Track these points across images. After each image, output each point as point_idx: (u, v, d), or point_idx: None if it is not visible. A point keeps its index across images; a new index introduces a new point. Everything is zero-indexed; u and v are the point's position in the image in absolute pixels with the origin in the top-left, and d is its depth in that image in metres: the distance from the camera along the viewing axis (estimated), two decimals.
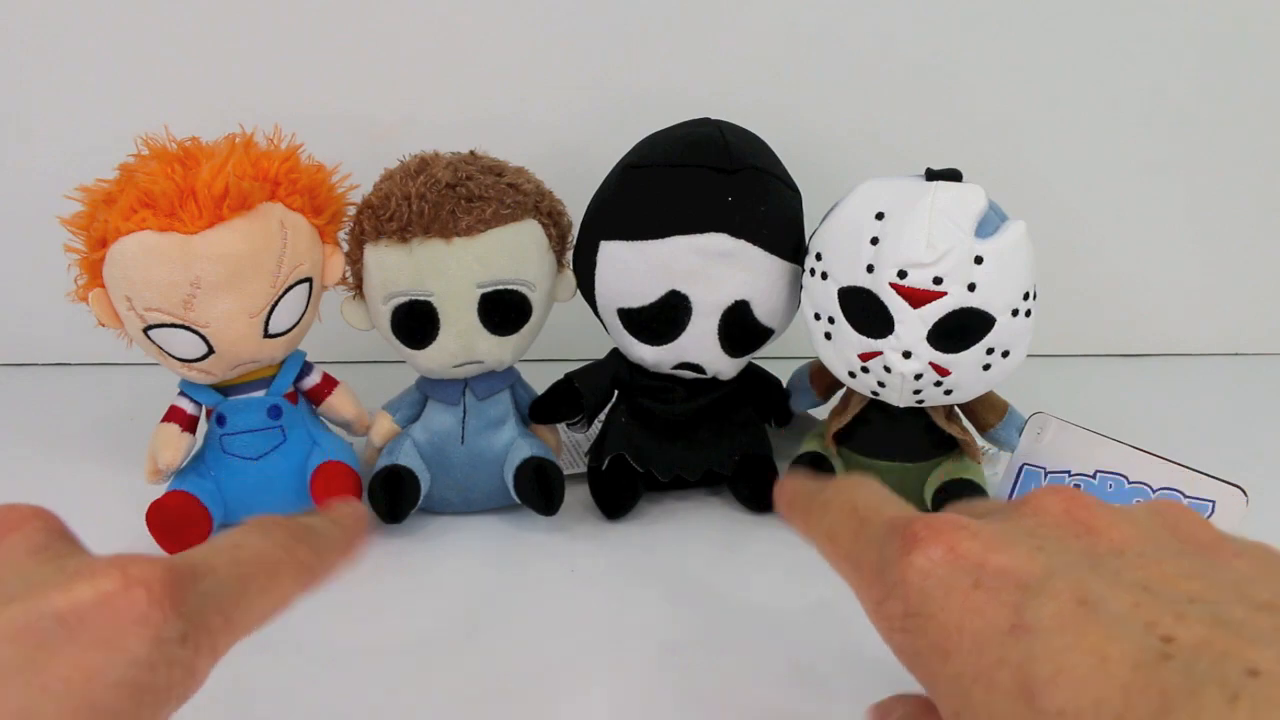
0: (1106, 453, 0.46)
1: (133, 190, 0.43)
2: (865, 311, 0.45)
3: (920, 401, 0.47)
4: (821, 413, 0.55)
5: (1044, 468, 0.49)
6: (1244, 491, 0.42)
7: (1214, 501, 0.43)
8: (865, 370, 0.46)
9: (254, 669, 0.41)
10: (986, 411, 0.51)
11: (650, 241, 0.47)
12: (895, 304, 0.44)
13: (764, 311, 0.49)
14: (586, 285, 0.50)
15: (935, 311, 0.43)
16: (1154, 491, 0.45)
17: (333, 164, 0.50)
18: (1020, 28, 0.65)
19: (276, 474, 0.50)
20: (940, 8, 0.65)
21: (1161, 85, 0.68)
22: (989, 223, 0.43)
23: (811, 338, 0.48)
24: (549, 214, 0.49)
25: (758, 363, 0.54)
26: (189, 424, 0.49)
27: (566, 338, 0.56)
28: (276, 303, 0.46)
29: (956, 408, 0.50)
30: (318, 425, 0.52)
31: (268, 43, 0.64)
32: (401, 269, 0.46)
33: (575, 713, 0.39)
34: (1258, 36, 0.67)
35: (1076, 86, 0.67)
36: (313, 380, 0.52)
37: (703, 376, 0.50)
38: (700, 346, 0.49)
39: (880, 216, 0.44)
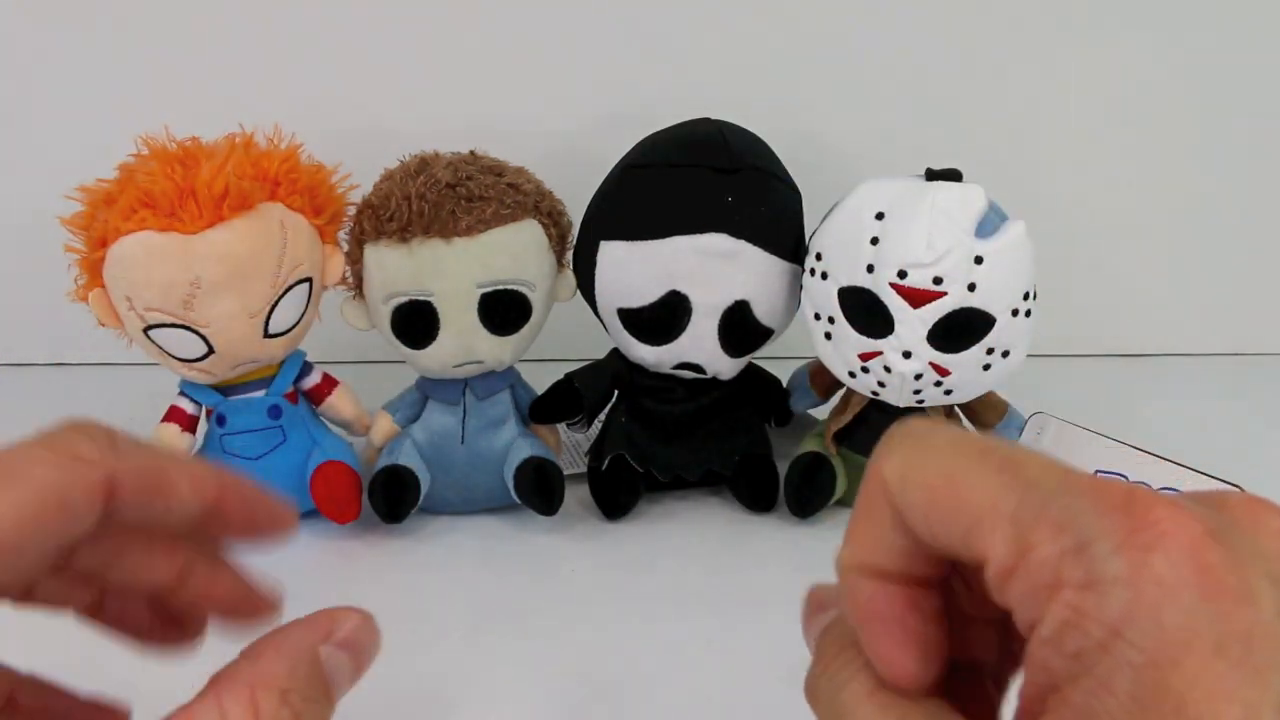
0: (1106, 452, 0.47)
1: (133, 190, 0.43)
2: (865, 311, 0.45)
3: (920, 401, 0.47)
4: (821, 413, 0.55)
5: None
6: (1243, 492, 0.42)
7: None
8: (865, 370, 0.46)
9: None
10: (986, 411, 0.51)
11: (650, 241, 0.47)
12: (895, 304, 0.44)
13: (764, 311, 0.49)
14: (586, 285, 0.50)
15: (935, 311, 0.43)
16: None
17: (333, 164, 0.50)
18: (1021, 28, 0.65)
19: (276, 474, 0.50)
20: (941, 8, 0.65)
21: (1162, 85, 0.68)
22: (989, 223, 0.43)
23: (811, 338, 0.48)
24: (549, 214, 0.49)
25: (758, 363, 0.54)
26: (189, 424, 0.49)
27: (566, 338, 0.56)
28: (276, 303, 0.46)
29: (956, 408, 0.50)
30: (318, 425, 0.52)
31: (268, 43, 0.64)
32: (401, 269, 0.46)
33: (575, 712, 0.39)
34: (1257, 36, 0.67)
35: (1077, 86, 0.67)
36: (313, 380, 0.52)
37: (703, 376, 0.50)
38: (700, 346, 0.49)
39: (880, 216, 0.44)
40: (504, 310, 0.48)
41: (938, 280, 0.43)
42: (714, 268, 0.47)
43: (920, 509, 0.19)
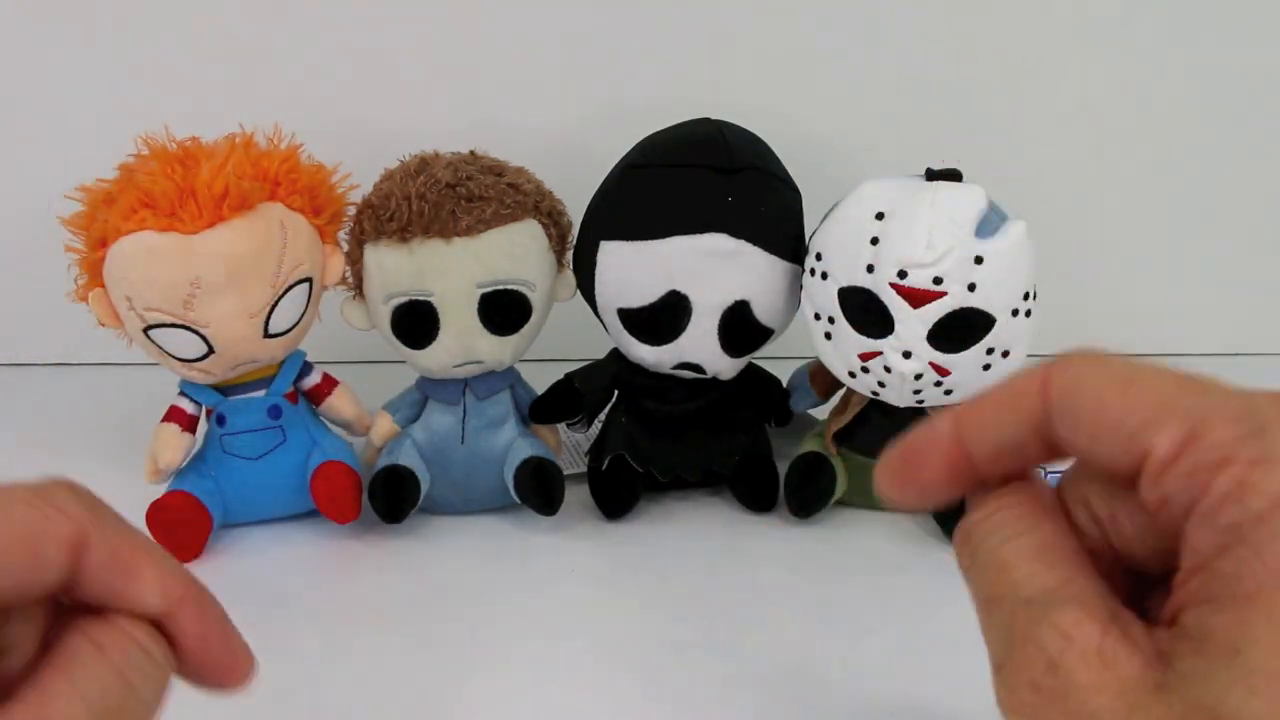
0: None
1: (133, 190, 0.43)
2: (865, 311, 0.45)
3: (920, 402, 0.47)
4: (821, 413, 0.55)
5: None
6: None
7: None
8: (865, 370, 0.46)
9: None
10: None
11: (650, 241, 0.47)
12: (895, 304, 0.44)
13: (764, 311, 0.49)
14: (586, 285, 0.50)
15: (935, 311, 0.43)
16: None
17: (333, 164, 0.50)
18: (1021, 28, 0.65)
19: (276, 474, 0.50)
20: (940, 8, 0.65)
21: (1162, 84, 0.68)
22: (989, 223, 0.43)
23: (811, 338, 0.48)
24: (549, 214, 0.49)
25: (758, 363, 0.54)
26: (189, 424, 0.49)
27: (566, 338, 0.56)
28: (276, 303, 0.46)
29: None
30: (318, 425, 0.52)
31: (267, 42, 0.64)
32: (401, 269, 0.46)
33: (575, 712, 0.39)
34: (1257, 36, 0.67)
35: (1077, 86, 0.67)
36: (313, 380, 0.52)
37: (703, 376, 0.50)
38: (700, 346, 0.49)
39: (880, 216, 0.44)
40: (504, 310, 0.48)
41: (938, 280, 0.43)
42: (714, 268, 0.47)
43: (1088, 412, 0.20)
